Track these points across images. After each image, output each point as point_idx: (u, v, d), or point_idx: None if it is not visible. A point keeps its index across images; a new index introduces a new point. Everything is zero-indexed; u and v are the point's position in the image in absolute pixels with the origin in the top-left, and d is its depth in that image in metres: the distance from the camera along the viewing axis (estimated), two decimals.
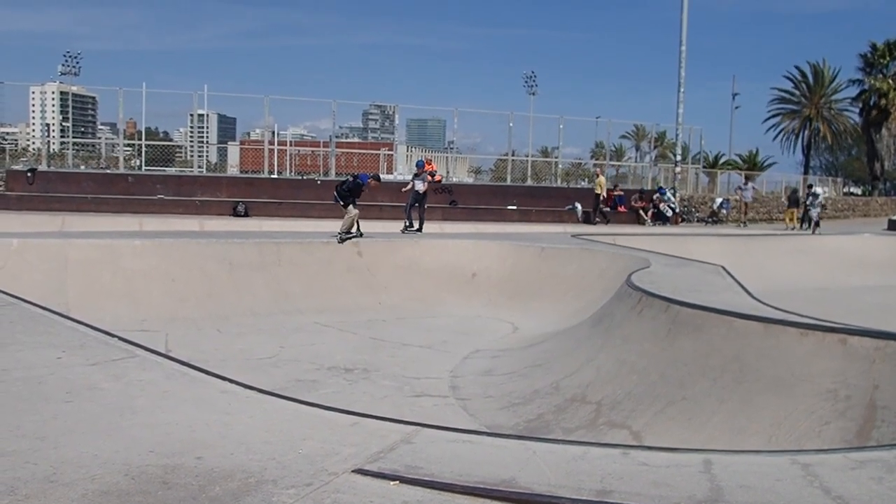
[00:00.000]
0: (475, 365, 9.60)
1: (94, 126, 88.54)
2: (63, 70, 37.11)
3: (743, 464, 3.80)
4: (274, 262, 12.93)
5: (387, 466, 3.42)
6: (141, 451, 3.51)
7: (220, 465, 3.36)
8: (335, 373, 9.01)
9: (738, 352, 6.53)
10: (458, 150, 33.50)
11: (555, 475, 3.43)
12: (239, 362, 9.09)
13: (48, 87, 36.03)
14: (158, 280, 11.63)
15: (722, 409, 6.23)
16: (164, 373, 5.10)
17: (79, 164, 29.66)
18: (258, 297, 12.16)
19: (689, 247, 17.50)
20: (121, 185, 24.03)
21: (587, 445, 4.43)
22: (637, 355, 7.75)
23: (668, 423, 6.45)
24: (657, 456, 3.96)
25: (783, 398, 5.87)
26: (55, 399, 4.29)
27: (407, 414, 6.73)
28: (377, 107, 60.81)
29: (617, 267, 12.28)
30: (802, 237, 24.16)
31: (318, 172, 28.31)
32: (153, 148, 28.83)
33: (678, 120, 31.63)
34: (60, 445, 3.53)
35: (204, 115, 41.62)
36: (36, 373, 4.76)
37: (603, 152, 39.66)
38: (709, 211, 31.72)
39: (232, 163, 34.29)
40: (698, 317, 7.30)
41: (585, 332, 9.68)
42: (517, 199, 26.98)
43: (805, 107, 61.45)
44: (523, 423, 7.21)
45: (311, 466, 3.38)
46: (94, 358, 5.23)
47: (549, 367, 8.84)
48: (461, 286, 13.87)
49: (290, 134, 39.99)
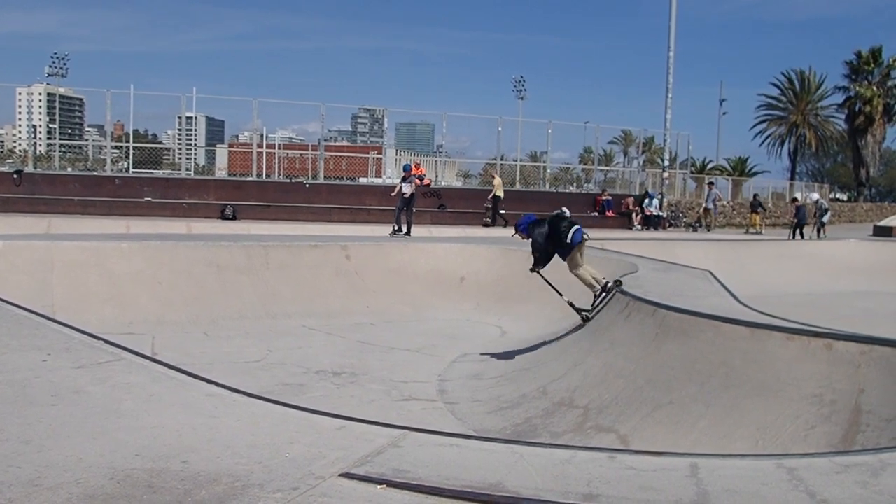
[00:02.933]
0: (463, 369, 9.60)
1: (81, 128, 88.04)
2: (50, 71, 36.84)
3: (729, 468, 3.81)
4: (262, 266, 12.89)
5: (374, 470, 3.42)
6: (127, 454, 3.49)
7: (206, 468, 3.35)
8: (323, 376, 8.99)
9: (725, 356, 6.57)
10: (447, 154, 33.50)
11: (542, 479, 3.44)
12: (226, 366, 9.05)
13: (35, 89, 35.72)
14: (145, 283, 11.57)
15: (708, 414, 6.26)
16: (150, 376, 5.07)
17: (66, 166, 29.48)
18: (246, 300, 12.11)
19: (677, 251, 17.56)
20: (108, 187, 23.91)
21: (574, 449, 4.43)
22: (624, 359, 7.78)
23: (655, 428, 6.47)
24: (644, 460, 3.97)
25: (769, 402, 5.90)
26: (40, 402, 4.26)
27: (394, 418, 6.72)
28: (366, 110, 60.65)
29: (605, 271, 12.32)
30: (788, 242, 24.34)
31: (307, 175, 28.25)
32: (141, 150, 28.69)
33: (666, 125, 31.77)
34: (45, 449, 3.51)
35: (192, 118, 41.47)
36: (21, 375, 4.72)
37: (591, 157, 39.77)
38: (695, 216, 31.89)
39: (220, 165, 34.14)
40: (685, 321, 7.34)
41: (573, 336, 9.70)
42: (506, 204, 27.01)
43: (791, 113, 61.98)
44: (511, 427, 7.22)
45: (298, 470, 3.37)
46: (79, 361, 5.20)
47: (536, 371, 8.86)
48: (449, 290, 13.87)
49: (279, 137, 39.88)
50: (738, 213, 36.84)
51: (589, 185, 37.43)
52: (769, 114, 63.97)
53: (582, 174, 40.23)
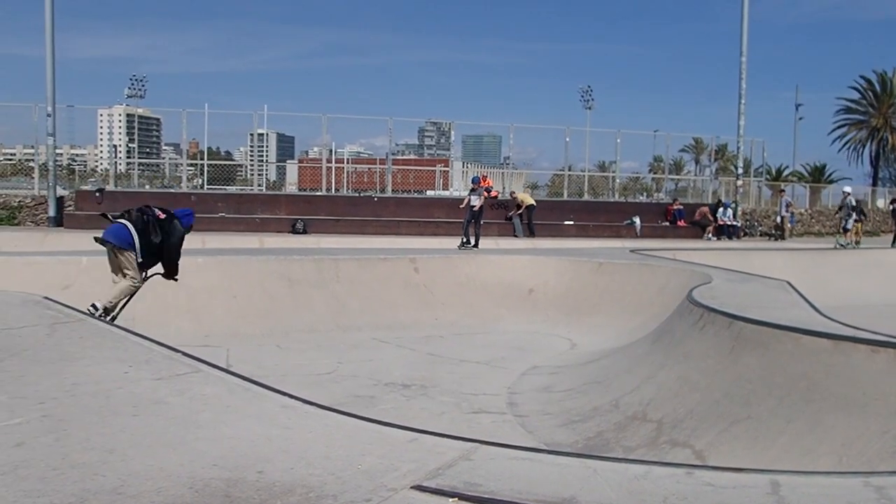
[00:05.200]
0: (533, 381, 9.52)
1: (158, 146, 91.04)
2: (129, 93, 38.27)
3: (812, 486, 3.67)
4: (332, 279, 13.08)
5: (445, 483, 3.40)
6: (205, 464, 3.56)
7: (280, 479, 3.40)
8: (393, 389, 9.05)
9: (806, 369, 6.34)
10: (514, 166, 33.40)
11: (617, 494, 3.37)
12: (298, 377, 9.19)
13: (115, 110, 37.30)
14: (220, 296, 11.87)
15: (789, 429, 6.05)
16: (226, 387, 5.18)
17: (144, 184, 30.53)
18: (317, 313, 12.31)
19: (752, 261, 17.11)
20: (184, 203, 24.62)
21: (649, 464, 4.33)
22: (699, 373, 7.59)
23: (732, 443, 6.29)
24: (722, 476, 3.85)
25: (854, 418, 5.66)
26: (123, 412, 4.39)
27: (465, 430, 6.71)
28: (433, 123, 61.15)
29: (677, 282, 12.08)
30: (871, 251, 23.37)
31: (375, 189, 28.57)
32: (215, 167, 29.50)
33: (739, 132, 30.95)
34: (128, 458, 3.61)
35: (264, 135, 42.49)
36: (104, 387, 4.88)
37: (661, 166, 39.10)
38: (772, 224, 30.94)
39: (290, 181, 34.84)
40: (763, 333, 7.11)
41: (645, 348, 9.52)
42: (574, 214, 26.76)
43: (872, 116, 59.63)
44: (582, 441, 7.12)
45: (370, 482, 3.38)
46: (159, 372, 5.35)
47: (608, 384, 8.72)
48: (518, 302, 13.80)
49: (347, 151, 40.50)
50: (818, 221, 35.59)
51: (659, 194, 36.79)
52: (848, 118, 61.68)
53: (652, 183, 39.59)
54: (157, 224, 8.58)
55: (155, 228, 8.55)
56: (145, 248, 8.51)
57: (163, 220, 8.68)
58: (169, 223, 8.71)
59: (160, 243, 8.61)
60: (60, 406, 4.47)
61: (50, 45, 23.18)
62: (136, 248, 8.43)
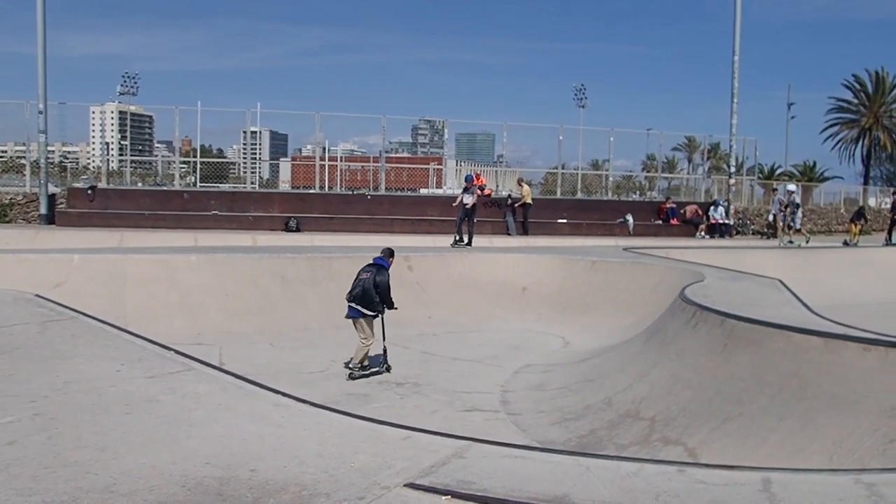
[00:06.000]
0: (526, 380, 9.53)
1: (150, 144, 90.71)
2: (122, 90, 38.06)
3: (803, 483, 3.68)
4: (325, 277, 13.05)
5: (439, 481, 3.41)
6: (197, 462, 3.56)
7: (273, 477, 3.39)
8: (386, 387, 9.05)
9: (798, 368, 6.36)
10: (508, 164, 33.35)
11: (609, 492, 3.38)
12: (291, 376, 9.18)
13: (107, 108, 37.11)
14: (213, 294, 11.83)
15: (781, 427, 6.07)
16: (219, 386, 5.17)
17: (136, 182, 30.37)
18: (310, 311, 12.28)
19: (745, 260, 17.14)
20: (176, 201, 24.53)
21: (642, 462, 4.35)
22: (692, 371, 7.61)
23: (724, 441, 6.31)
24: (714, 474, 3.87)
25: (845, 415, 5.69)
26: (115, 411, 4.38)
27: (458, 428, 6.71)
28: (426, 121, 60.94)
29: (670, 280, 12.10)
30: (862, 250, 23.46)
31: (368, 187, 28.51)
32: (207, 165, 29.36)
33: (732, 131, 30.98)
34: (120, 456, 3.61)
35: (257, 132, 42.32)
36: (96, 385, 4.87)
37: (654, 164, 39.14)
38: (764, 223, 31.00)
39: (284, 178, 34.69)
40: (755, 331, 7.14)
41: (638, 346, 9.54)
42: (567, 213, 26.74)
43: (864, 115, 59.82)
44: (575, 439, 7.13)
45: (364, 480, 3.39)
46: (151, 371, 5.34)
47: (601, 382, 8.73)
48: (511, 300, 13.80)
49: (341, 149, 40.32)
50: (809, 220, 35.69)
51: (652, 192, 36.78)
52: (840, 117, 61.86)
53: (645, 182, 39.58)
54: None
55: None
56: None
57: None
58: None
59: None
60: (52, 404, 4.45)
61: (42, 41, 23.05)
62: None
